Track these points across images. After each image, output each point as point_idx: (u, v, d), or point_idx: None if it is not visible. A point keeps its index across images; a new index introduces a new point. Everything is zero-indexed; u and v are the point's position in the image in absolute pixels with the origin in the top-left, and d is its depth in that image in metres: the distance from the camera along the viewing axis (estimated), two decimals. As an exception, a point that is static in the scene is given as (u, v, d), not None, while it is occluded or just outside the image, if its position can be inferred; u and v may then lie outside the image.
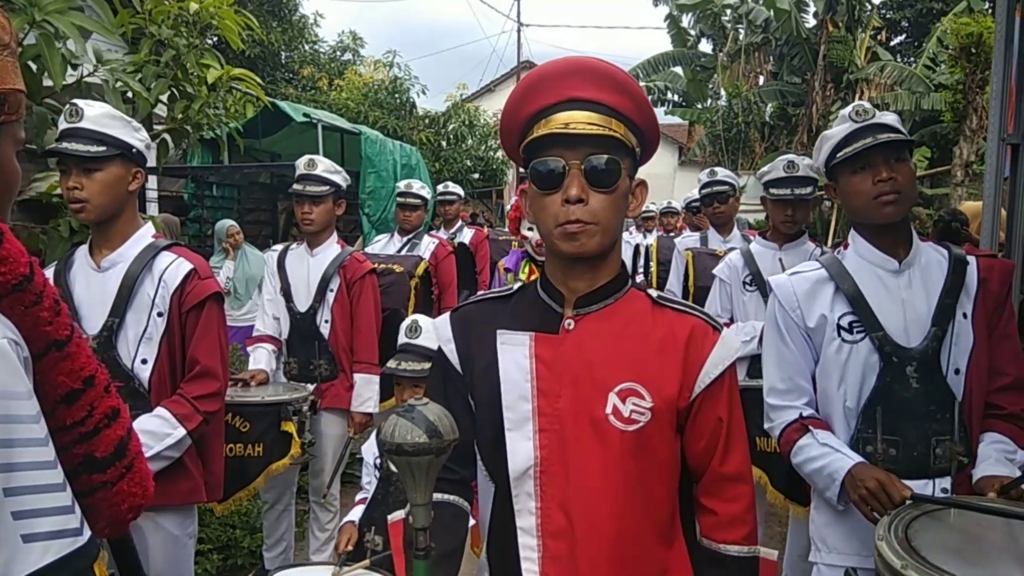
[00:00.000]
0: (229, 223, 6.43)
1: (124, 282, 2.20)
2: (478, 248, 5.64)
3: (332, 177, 3.45)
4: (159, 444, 2.11)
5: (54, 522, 0.89)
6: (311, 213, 3.42)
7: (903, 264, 1.96)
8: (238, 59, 9.56)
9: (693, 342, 1.36)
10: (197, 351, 2.25)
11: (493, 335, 1.39)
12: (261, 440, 2.95)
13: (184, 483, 2.25)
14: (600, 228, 1.31)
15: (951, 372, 1.90)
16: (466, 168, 14.13)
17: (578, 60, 1.36)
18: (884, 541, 1.52)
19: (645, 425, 1.33)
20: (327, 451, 3.46)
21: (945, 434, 1.89)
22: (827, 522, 2.02)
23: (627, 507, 1.34)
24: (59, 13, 2.13)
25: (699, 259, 4.02)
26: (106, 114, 2.16)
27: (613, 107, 1.31)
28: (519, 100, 1.37)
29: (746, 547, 1.39)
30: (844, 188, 1.99)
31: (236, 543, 3.91)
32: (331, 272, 3.43)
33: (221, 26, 3.41)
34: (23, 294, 0.95)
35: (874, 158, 1.91)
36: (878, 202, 1.91)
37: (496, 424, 1.37)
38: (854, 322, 1.94)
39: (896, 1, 19.73)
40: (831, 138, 2.01)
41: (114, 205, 2.18)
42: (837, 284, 1.98)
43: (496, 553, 1.43)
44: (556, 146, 1.30)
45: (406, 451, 1.05)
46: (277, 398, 3.04)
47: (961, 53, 12.18)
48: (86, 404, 1.04)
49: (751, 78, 17.56)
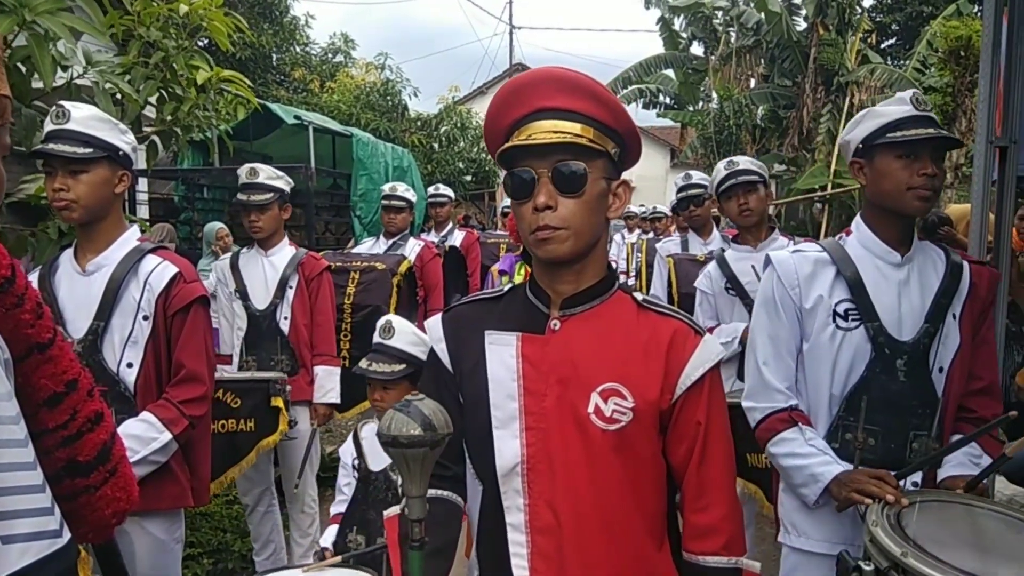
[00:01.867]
0: (218, 225, 6.41)
1: (109, 285, 2.19)
2: (469, 250, 5.65)
3: (275, 183, 3.51)
4: (145, 449, 2.11)
5: (33, 523, 0.89)
6: (258, 221, 3.49)
7: (905, 258, 1.97)
8: (229, 61, 9.54)
9: (675, 345, 1.38)
10: (183, 355, 2.25)
11: (482, 335, 1.42)
12: (252, 415, 3.03)
13: (170, 487, 2.24)
14: (571, 232, 1.33)
15: (935, 370, 1.93)
16: (458, 170, 14.15)
17: (546, 71, 1.39)
18: (879, 527, 1.53)
19: (627, 425, 1.35)
20: (302, 445, 3.48)
21: (924, 430, 1.91)
22: (797, 507, 2.03)
23: (614, 504, 1.36)
24: (49, 14, 2.12)
25: (680, 266, 4.05)
26: (93, 116, 2.16)
27: (581, 112, 1.34)
28: (495, 113, 1.42)
29: (725, 557, 1.39)
30: (880, 168, 1.93)
31: (227, 547, 3.90)
32: (290, 270, 3.51)
33: (210, 28, 3.40)
34: (4, 296, 0.95)
35: (924, 151, 1.89)
36: (914, 194, 1.89)
37: (484, 422, 1.40)
38: (850, 309, 1.95)
39: (886, 4, 19.86)
40: (882, 116, 1.94)
41: (100, 207, 2.18)
42: (839, 268, 1.98)
43: (486, 550, 1.45)
44: (526, 156, 1.34)
45: (401, 443, 1.09)
46: (265, 375, 3.16)
47: (950, 56, 12.26)
48: (69, 408, 1.04)
49: (742, 81, 17.64)
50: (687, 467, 1.40)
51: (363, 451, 2.55)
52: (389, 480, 2.46)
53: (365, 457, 2.54)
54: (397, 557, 1.46)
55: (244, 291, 3.54)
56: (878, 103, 2.31)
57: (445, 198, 5.94)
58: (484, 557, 1.47)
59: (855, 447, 1.88)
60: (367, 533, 2.45)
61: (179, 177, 8.20)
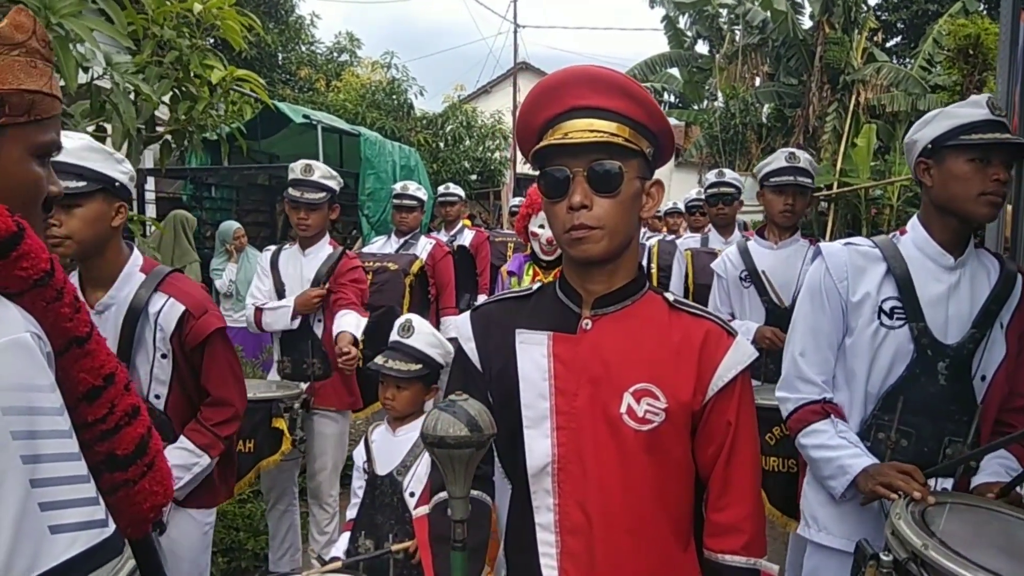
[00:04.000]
0: (235, 225, 6.41)
1: (124, 328, 2.15)
2: (479, 250, 5.63)
3: (328, 183, 3.47)
4: (188, 475, 2.19)
5: (81, 513, 0.89)
6: (307, 219, 3.44)
7: (958, 262, 1.94)
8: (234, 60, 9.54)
9: (707, 346, 1.37)
10: (208, 384, 2.28)
11: (512, 334, 1.41)
12: (252, 436, 2.98)
13: (206, 493, 2.32)
14: (606, 232, 1.33)
15: (978, 378, 1.90)
16: (464, 169, 14.13)
17: (579, 69, 1.38)
18: (902, 520, 1.52)
19: (659, 425, 1.34)
20: (326, 451, 3.46)
21: (960, 436, 1.89)
22: (822, 502, 2.01)
23: (644, 505, 1.36)
24: (72, 16, 2.12)
25: (698, 258, 4.05)
26: (86, 147, 2.04)
27: (616, 111, 1.34)
28: (528, 112, 1.41)
29: (744, 557, 1.38)
30: (950, 171, 1.88)
31: (240, 545, 3.90)
32: (324, 272, 3.45)
33: (224, 26, 3.40)
34: (45, 289, 0.96)
35: (998, 157, 1.85)
36: (984, 199, 1.85)
37: (514, 422, 1.39)
38: (896, 308, 1.92)
39: (892, 3, 19.81)
40: (956, 117, 1.89)
41: (96, 242, 2.08)
42: (889, 266, 1.96)
43: (514, 551, 1.45)
44: (561, 155, 1.34)
45: (448, 444, 1.10)
46: (268, 395, 3.08)
47: (958, 54, 12.24)
48: (107, 401, 1.04)
49: (747, 79, 17.59)
50: (714, 466, 1.40)
51: (371, 454, 2.55)
52: (395, 484, 2.45)
53: (373, 461, 2.53)
54: (429, 558, 1.45)
55: (281, 290, 3.51)
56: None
57: (455, 197, 5.93)
58: (513, 556, 1.46)
59: (887, 447, 1.87)
60: (376, 537, 2.45)
61: (187, 176, 8.21)
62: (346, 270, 3.49)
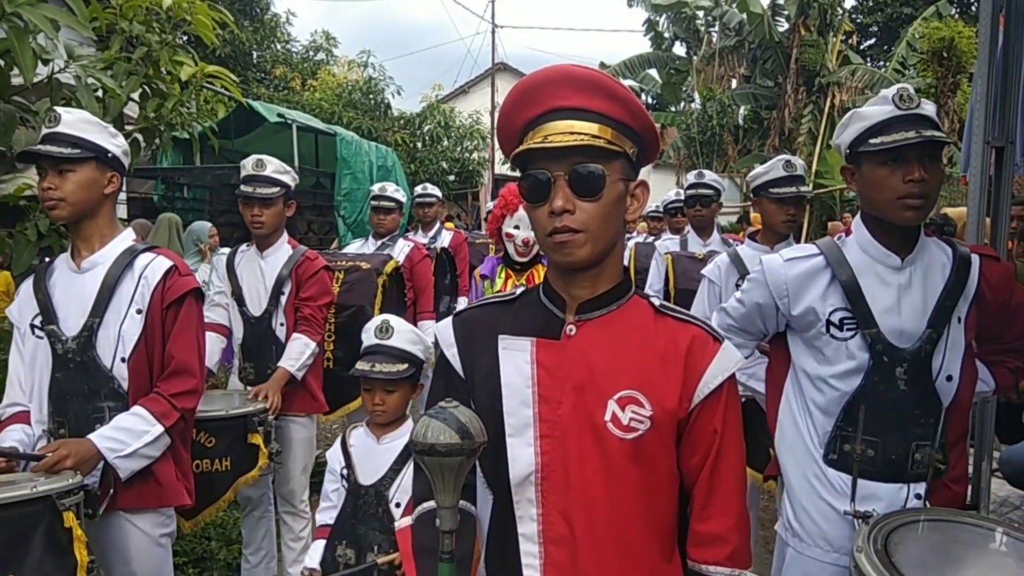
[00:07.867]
0: (208, 224, 6.28)
1: (105, 282, 2.23)
2: (457, 251, 5.57)
3: (282, 178, 3.35)
4: (137, 441, 2.14)
5: None
6: (261, 216, 3.30)
7: (905, 261, 1.87)
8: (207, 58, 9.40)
9: (693, 352, 1.34)
10: (174, 348, 2.27)
11: (495, 340, 1.37)
12: (228, 454, 2.88)
13: (159, 486, 2.25)
14: (589, 236, 1.29)
15: (942, 378, 1.86)
16: (442, 170, 14.09)
17: (559, 68, 1.33)
18: (863, 553, 1.50)
19: (644, 433, 1.31)
20: (295, 456, 3.37)
21: (927, 439, 1.85)
22: (795, 514, 2.00)
23: (628, 515, 1.32)
24: (30, 5, 2.03)
25: (679, 262, 3.96)
26: (83, 120, 2.22)
27: (598, 112, 1.29)
28: (508, 113, 1.37)
29: (728, 568, 1.35)
30: (868, 177, 1.83)
31: (212, 555, 3.81)
32: (284, 275, 3.34)
33: (195, 22, 3.31)
34: None
35: (910, 155, 1.75)
36: (903, 203, 1.77)
37: (497, 430, 1.34)
38: (846, 318, 1.88)
39: (866, 6, 20.06)
40: (865, 118, 1.82)
41: (87, 205, 2.22)
42: (834, 273, 1.91)
43: (495, 562, 1.41)
44: (542, 158, 1.29)
45: (439, 451, 1.06)
46: (242, 410, 2.96)
47: (932, 57, 12.39)
48: None
49: (724, 81, 17.72)
50: (699, 475, 1.37)
51: (352, 461, 2.45)
52: (381, 496, 2.36)
53: (355, 468, 2.43)
54: (413, 570, 1.41)
55: (240, 295, 3.39)
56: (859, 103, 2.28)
57: (433, 198, 5.86)
58: (494, 568, 1.42)
59: (853, 458, 1.83)
60: (357, 547, 2.37)
61: (159, 176, 8.08)
62: (309, 274, 3.37)
